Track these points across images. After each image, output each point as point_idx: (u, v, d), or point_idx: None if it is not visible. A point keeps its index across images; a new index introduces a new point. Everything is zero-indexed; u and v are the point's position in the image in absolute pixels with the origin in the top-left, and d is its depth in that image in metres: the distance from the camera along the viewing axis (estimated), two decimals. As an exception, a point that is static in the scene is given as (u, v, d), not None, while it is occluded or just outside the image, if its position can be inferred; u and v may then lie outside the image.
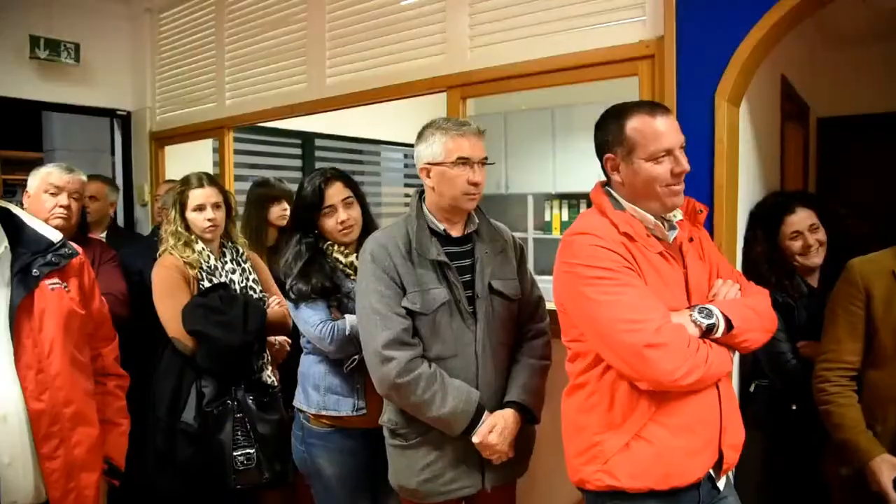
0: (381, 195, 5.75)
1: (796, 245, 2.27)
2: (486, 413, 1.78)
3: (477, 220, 1.91)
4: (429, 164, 1.82)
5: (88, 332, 1.67)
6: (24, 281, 1.50)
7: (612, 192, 1.61)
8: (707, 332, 1.47)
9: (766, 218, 2.34)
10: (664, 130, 1.51)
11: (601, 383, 1.53)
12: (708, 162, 2.03)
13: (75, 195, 2.48)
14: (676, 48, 2.08)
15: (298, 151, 4.99)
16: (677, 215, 1.62)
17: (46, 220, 2.26)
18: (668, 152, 1.51)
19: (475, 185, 1.80)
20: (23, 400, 1.44)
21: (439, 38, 2.70)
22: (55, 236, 1.62)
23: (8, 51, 3.73)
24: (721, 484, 1.58)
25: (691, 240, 1.62)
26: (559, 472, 2.17)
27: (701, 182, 2.02)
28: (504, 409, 1.82)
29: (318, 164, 5.04)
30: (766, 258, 2.28)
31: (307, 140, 4.98)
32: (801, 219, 2.27)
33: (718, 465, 1.54)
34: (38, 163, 2.63)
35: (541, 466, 2.07)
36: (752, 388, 2.34)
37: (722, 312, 1.49)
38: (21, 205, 2.43)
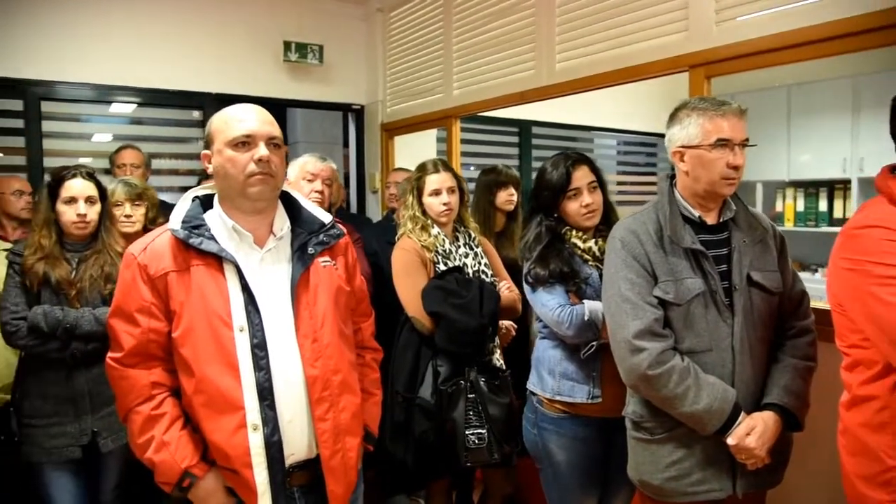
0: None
1: None
2: (742, 413, 1.66)
3: (734, 207, 1.78)
4: (683, 147, 1.72)
5: (351, 308, 1.80)
6: (301, 258, 1.64)
7: None
8: None
9: None
10: None
11: (894, 398, 1.34)
12: None
13: (327, 181, 2.70)
14: None
15: (515, 140, 5.05)
16: None
17: (306, 205, 2.49)
18: None
19: (735, 168, 1.68)
20: (301, 365, 1.58)
21: (681, 15, 2.54)
22: (326, 218, 1.75)
23: (267, 57, 4.20)
24: None
25: None
26: (811, 486, 1.97)
27: None
28: (763, 412, 1.68)
29: (534, 152, 5.07)
30: None
31: (524, 128, 5.03)
32: None
33: None
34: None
35: (791, 476, 1.87)
36: None
37: None
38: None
